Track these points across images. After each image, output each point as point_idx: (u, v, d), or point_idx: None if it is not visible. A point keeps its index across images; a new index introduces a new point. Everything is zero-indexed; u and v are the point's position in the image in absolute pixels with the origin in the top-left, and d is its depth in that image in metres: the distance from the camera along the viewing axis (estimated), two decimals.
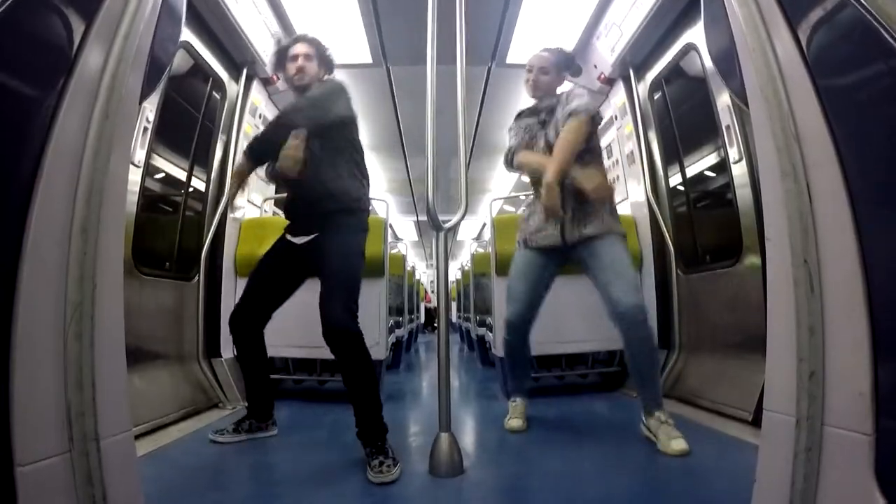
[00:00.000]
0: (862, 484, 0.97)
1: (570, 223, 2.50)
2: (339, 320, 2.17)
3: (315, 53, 2.52)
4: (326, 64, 2.58)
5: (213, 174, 3.62)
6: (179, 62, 3.18)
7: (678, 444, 2.14)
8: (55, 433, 1.00)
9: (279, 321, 2.58)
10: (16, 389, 0.93)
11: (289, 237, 2.46)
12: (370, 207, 2.54)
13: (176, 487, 1.85)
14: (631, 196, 4.02)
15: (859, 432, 0.99)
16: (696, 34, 3.16)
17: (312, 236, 2.38)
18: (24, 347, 0.95)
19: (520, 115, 2.81)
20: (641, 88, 3.90)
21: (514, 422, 2.66)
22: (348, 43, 4.05)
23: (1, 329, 0.92)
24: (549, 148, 2.53)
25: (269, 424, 2.62)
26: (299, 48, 2.50)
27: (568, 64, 2.71)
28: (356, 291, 2.30)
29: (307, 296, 2.47)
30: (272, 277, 2.49)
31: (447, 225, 2.19)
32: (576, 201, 2.49)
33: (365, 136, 2.69)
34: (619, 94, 4.06)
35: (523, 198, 8.06)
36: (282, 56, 2.54)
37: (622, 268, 2.37)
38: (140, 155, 2.80)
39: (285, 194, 2.55)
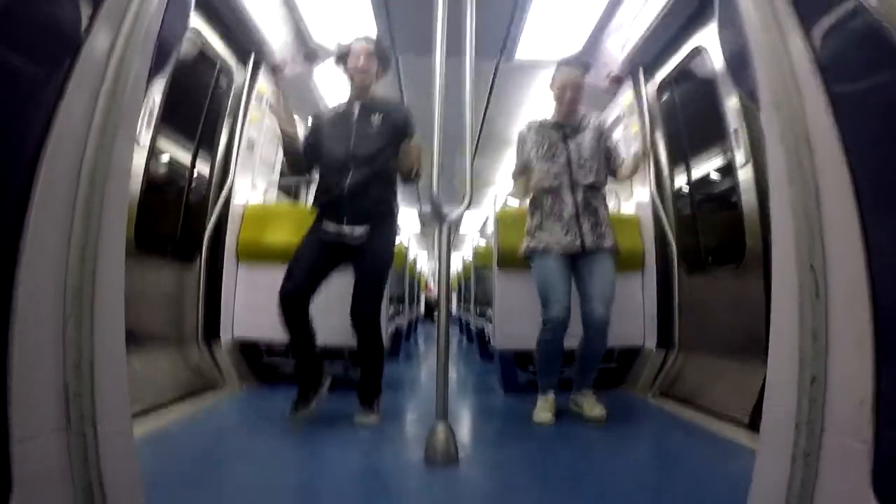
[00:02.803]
0: (859, 491, 0.97)
1: (590, 234, 2.77)
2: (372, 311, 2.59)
3: (376, 53, 2.71)
4: (385, 62, 2.79)
5: (218, 159, 3.61)
6: (187, 47, 3.17)
7: (598, 411, 2.69)
8: (53, 413, 1.00)
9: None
10: (14, 370, 0.92)
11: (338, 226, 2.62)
12: None
13: (174, 468, 1.86)
14: (636, 196, 4.00)
15: (859, 439, 0.99)
16: (706, 36, 3.14)
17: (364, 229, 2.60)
18: (23, 329, 0.94)
19: (535, 126, 2.91)
20: (650, 88, 3.88)
21: (545, 415, 2.71)
22: (357, 30, 4.03)
23: (1, 310, 0.92)
24: (569, 163, 2.77)
25: (321, 386, 2.63)
26: (360, 46, 2.68)
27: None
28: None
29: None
30: (321, 259, 2.63)
31: (451, 216, 2.19)
32: (593, 215, 2.79)
33: None
34: (626, 93, 4.03)
35: None
36: (343, 54, 2.71)
37: (610, 284, 2.80)
38: (145, 137, 2.79)
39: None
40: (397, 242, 3.03)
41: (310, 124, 2.90)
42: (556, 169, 2.79)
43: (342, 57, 2.71)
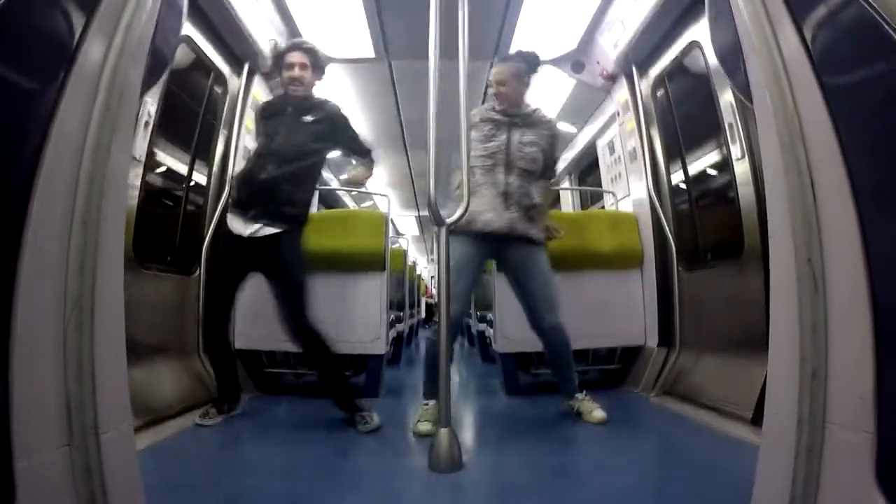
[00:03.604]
0: (863, 485, 0.97)
1: (520, 218, 2.66)
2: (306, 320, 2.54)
3: (310, 62, 2.67)
4: (320, 72, 2.74)
5: (215, 168, 3.61)
6: (181, 56, 3.17)
7: (599, 414, 2.61)
8: (54, 426, 1.00)
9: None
10: (15, 382, 0.92)
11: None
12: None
13: (175, 480, 1.85)
14: (633, 193, 4.01)
15: (861, 433, 0.99)
16: (699, 31, 3.14)
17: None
18: (23, 340, 0.94)
19: (482, 111, 2.84)
20: (644, 85, 3.88)
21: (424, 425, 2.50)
22: (350, 37, 4.04)
23: (1, 322, 0.92)
24: (509, 144, 2.69)
25: (238, 404, 2.80)
26: (296, 56, 2.64)
27: (529, 68, 2.78)
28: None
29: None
30: (232, 272, 2.66)
31: (449, 220, 2.19)
32: (524, 195, 2.68)
33: (366, 130, 2.79)
34: (621, 90, 4.04)
35: None
36: (278, 61, 2.68)
37: (551, 286, 2.72)
38: (141, 148, 2.79)
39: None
40: (395, 246, 3.04)
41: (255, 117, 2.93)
42: (494, 148, 2.69)
43: (277, 63, 2.70)
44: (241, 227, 2.55)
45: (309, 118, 2.64)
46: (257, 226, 2.53)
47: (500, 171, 2.68)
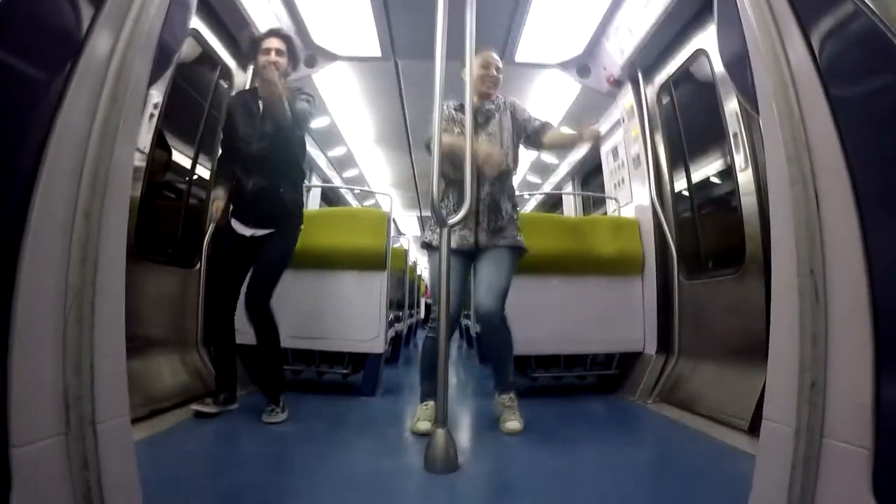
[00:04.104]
0: (859, 497, 0.97)
1: (486, 232, 2.64)
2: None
3: (286, 49, 2.70)
4: (295, 60, 2.78)
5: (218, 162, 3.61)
6: (188, 49, 3.17)
7: (512, 426, 2.55)
8: (52, 416, 1.00)
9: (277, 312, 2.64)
10: (14, 372, 0.92)
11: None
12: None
13: (172, 472, 1.85)
14: (635, 199, 4.00)
15: (859, 445, 0.98)
16: (706, 39, 3.15)
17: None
18: (23, 330, 0.94)
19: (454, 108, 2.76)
20: (650, 91, 3.88)
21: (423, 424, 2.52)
22: (357, 35, 4.04)
23: (1, 312, 0.92)
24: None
25: (236, 398, 2.86)
26: (272, 42, 2.67)
27: None
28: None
29: (304, 288, 2.50)
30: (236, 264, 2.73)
31: (451, 221, 2.19)
32: (493, 212, 2.64)
33: (371, 129, 2.79)
34: (627, 96, 4.04)
35: (527, 196, 8.04)
36: (254, 46, 2.70)
37: (500, 277, 2.62)
38: (146, 141, 2.79)
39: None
40: (396, 245, 3.04)
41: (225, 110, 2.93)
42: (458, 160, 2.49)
43: (252, 49, 2.71)
44: (242, 228, 2.71)
45: (281, 117, 2.58)
46: (256, 229, 2.70)
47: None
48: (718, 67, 3.02)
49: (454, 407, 3.09)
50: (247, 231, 2.69)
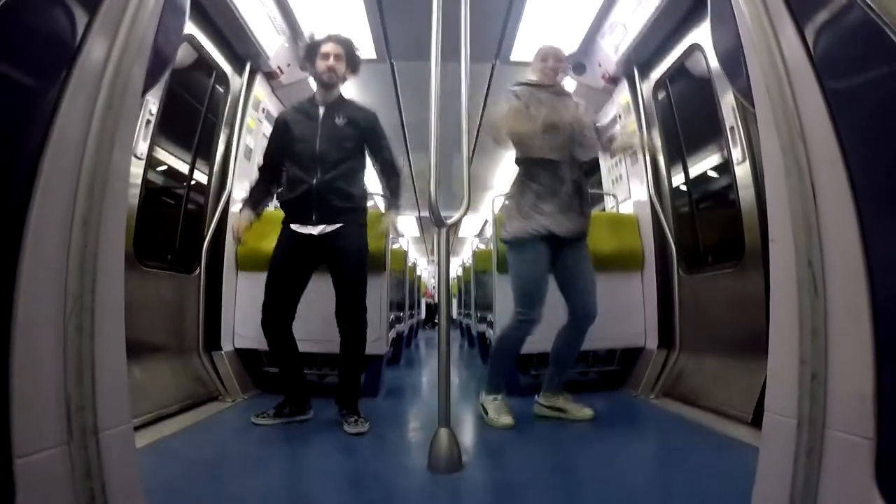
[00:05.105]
0: (863, 487, 0.97)
1: (583, 217, 2.62)
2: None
3: (345, 54, 2.70)
4: (353, 65, 2.76)
5: (216, 167, 3.61)
6: (183, 55, 3.17)
7: (588, 410, 2.67)
8: (54, 425, 1.00)
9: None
10: (15, 381, 0.92)
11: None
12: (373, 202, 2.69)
13: (175, 480, 1.85)
14: (633, 195, 4.01)
15: (861, 435, 0.99)
16: (701, 34, 3.15)
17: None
18: (23, 339, 0.94)
19: (529, 86, 2.80)
20: (645, 87, 3.89)
21: (506, 418, 2.63)
22: (352, 38, 4.03)
23: (1, 321, 0.92)
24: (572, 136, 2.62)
25: (307, 409, 2.79)
26: (330, 47, 2.67)
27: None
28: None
29: (304, 290, 2.50)
30: (297, 269, 2.68)
31: (449, 221, 2.19)
32: (582, 197, 2.62)
33: None
34: (622, 93, 4.04)
35: None
36: (312, 52, 2.69)
37: (594, 276, 2.66)
38: (143, 147, 2.79)
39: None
40: (395, 246, 3.04)
41: (274, 126, 2.92)
42: (557, 141, 2.56)
43: (310, 54, 2.71)
44: (308, 228, 2.65)
45: (341, 121, 2.67)
46: (321, 227, 2.63)
47: (565, 169, 2.63)
48: (714, 62, 3.02)
49: (457, 406, 3.09)
50: (314, 230, 2.63)
